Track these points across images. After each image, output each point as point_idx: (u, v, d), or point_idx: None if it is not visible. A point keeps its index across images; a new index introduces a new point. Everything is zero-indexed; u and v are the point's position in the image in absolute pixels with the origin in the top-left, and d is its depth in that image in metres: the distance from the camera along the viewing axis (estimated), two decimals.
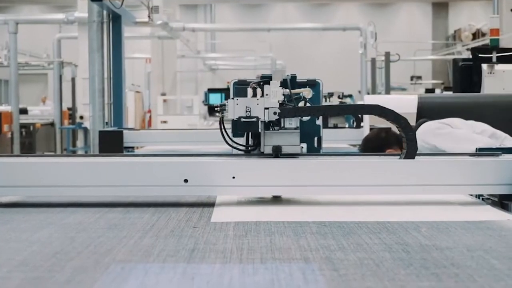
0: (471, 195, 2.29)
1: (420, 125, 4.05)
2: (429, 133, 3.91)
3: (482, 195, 2.25)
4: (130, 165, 2.16)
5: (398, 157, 2.21)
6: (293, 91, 2.31)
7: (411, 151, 2.18)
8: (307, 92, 2.38)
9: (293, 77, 2.39)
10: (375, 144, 3.93)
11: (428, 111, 4.33)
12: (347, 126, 5.76)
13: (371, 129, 4.48)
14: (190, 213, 2.02)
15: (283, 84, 2.28)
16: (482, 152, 2.27)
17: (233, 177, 2.12)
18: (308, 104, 2.37)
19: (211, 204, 2.17)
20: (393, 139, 3.90)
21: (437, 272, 1.32)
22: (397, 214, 1.99)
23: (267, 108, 2.20)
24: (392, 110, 2.21)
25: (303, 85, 2.42)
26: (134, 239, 1.65)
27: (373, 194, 2.18)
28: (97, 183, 2.14)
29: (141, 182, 2.13)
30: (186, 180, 2.12)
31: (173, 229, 1.78)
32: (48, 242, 1.62)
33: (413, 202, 2.19)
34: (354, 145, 5.29)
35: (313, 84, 2.45)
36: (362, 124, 4.96)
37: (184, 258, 1.45)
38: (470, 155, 2.25)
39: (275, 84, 2.22)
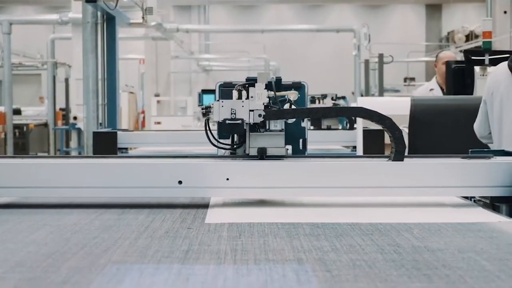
0: (464, 197, 2.31)
1: None
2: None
3: (473, 197, 2.26)
4: (124, 166, 2.16)
5: (387, 158, 2.22)
6: (278, 93, 2.33)
7: (399, 150, 2.17)
8: (292, 95, 2.39)
9: (278, 80, 2.40)
10: None
11: (421, 113, 4.35)
12: (340, 127, 5.78)
13: (364, 130, 4.50)
14: (185, 214, 2.03)
15: (268, 86, 2.30)
16: (474, 154, 2.29)
17: (227, 179, 2.14)
18: (293, 107, 2.38)
19: (205, 206, 2.19)
20: None
21: (428, 273, 1.34)
22: (389, 215, 2.01)
23: (252, 110, 2.21)
24: (376, 111, 2.21)
25: (288, 87, 2.44)
26: (129, 240, 1.67)
27: (360, 196, 2.20)
28: (90, 184, 2.14)
29: (135, 183, 2.14)
30: (180, 182, 2.13)
31: (168, 230, 1.79)
32: (43, 243, 1.63)
33: (405, 204, 2.21)
34: (347, 147, 5.32)
35: (298, 87, 2.47)
36: (355, 125, 4.98)
37: (178, 259, 1.46)
38: (462, 157, 2.26)
39: (260, 87, 2.24)
